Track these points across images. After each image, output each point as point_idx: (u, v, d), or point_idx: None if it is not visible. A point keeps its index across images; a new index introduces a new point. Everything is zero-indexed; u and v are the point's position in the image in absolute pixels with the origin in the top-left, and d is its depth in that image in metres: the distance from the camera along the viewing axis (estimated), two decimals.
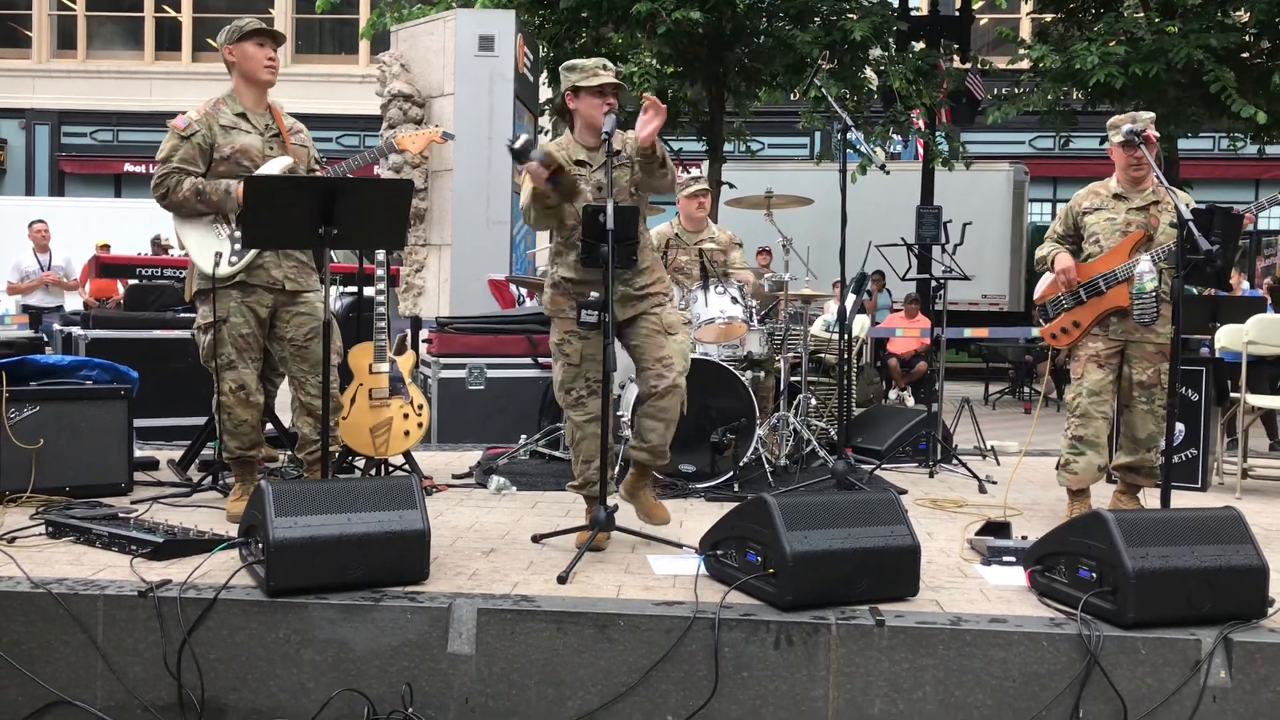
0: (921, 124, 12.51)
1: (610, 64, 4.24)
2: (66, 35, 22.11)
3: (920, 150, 14.72)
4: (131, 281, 8.31)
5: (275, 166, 4.49)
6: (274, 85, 4.56)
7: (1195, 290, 6.67)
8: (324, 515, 3.38)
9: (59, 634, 3.32)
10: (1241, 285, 12.98)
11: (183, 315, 6.93)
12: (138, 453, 5.32)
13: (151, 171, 4.50)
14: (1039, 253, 5.06)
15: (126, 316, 7.08)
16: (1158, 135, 4.77)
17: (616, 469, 5.44)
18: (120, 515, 4.22)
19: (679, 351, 4.30)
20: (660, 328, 4.28)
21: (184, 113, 4.50)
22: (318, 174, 4.60)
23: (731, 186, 12.24)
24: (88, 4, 21.95)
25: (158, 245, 13.26)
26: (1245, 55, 11.73)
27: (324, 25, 21.08)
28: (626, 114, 13.17)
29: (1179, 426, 5.69)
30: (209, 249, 4.43)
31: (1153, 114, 4.87)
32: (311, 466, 4.59)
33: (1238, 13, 11.76)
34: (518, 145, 3.97)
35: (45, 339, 6.96)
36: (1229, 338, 6.24)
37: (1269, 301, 9.66)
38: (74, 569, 3.59)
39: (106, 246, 13.07)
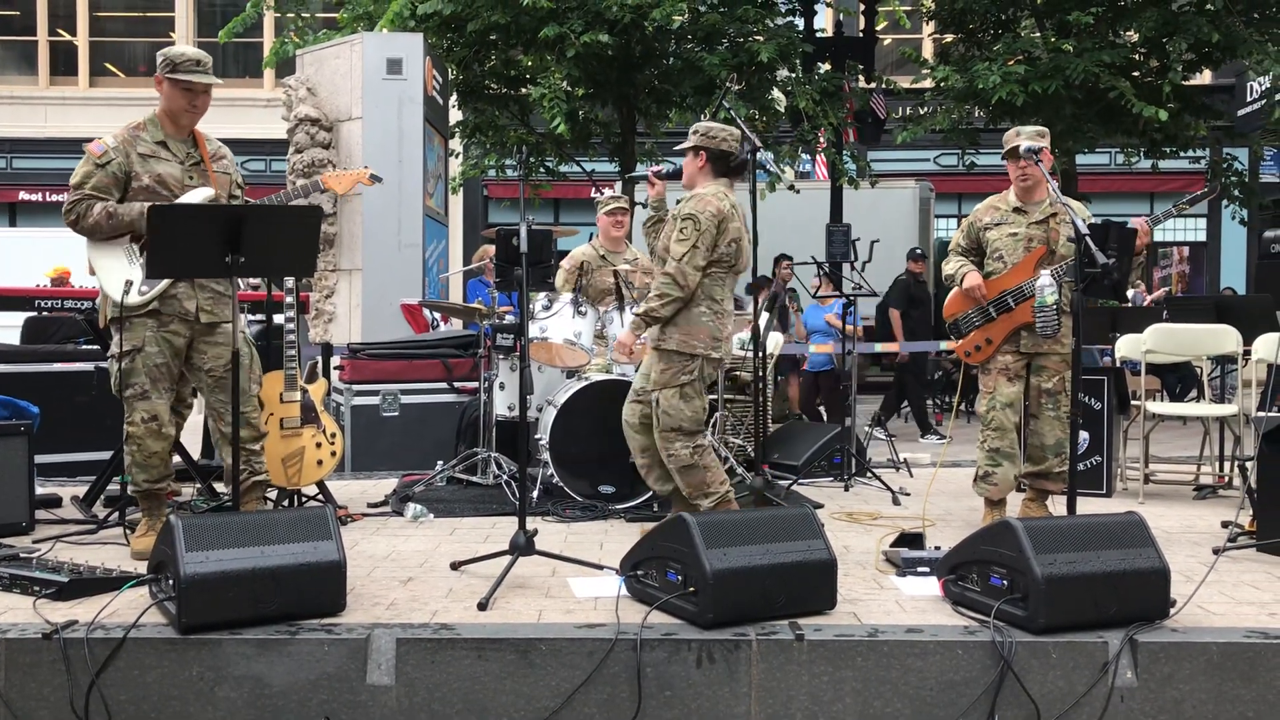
0: (822, 145, 12.72)
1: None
2: None
3: (823, 171, 14.96)
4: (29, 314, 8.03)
5: (196, 196, 4.37)
6: (197, 124, 4.44)
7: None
8: (236, 549, 3.32)
9: None
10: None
11: (84, 348, 6.74)
12: (39, 490, 5.15)
13: (49, 200, 4.38)
14: (946, 269, 5.12)
15: (25, 350, 6.85)
16: (1047, 149, 4.84)
17: (536, 492, 5.44)
18: (22, 555, 4.08)
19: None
20: None
21: (100, 138, 4.35)
22: (239, 200, 4.48)
23: (644, 207, 12.28)
24: None
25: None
26: (1136, 74, 12.15)
27: (228, 49, 20.64)
28: (538, 136, 13.29)
29: (1083, 435, 5.85)
30: (119, 276, 4.29)
31: (1044, 129, 4.98)
32: (245, 495, 4.49)
33: (1128, 32, 12.21)
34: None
35: None
36: (1128, 347, 6.43)
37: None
38: None
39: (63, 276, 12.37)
